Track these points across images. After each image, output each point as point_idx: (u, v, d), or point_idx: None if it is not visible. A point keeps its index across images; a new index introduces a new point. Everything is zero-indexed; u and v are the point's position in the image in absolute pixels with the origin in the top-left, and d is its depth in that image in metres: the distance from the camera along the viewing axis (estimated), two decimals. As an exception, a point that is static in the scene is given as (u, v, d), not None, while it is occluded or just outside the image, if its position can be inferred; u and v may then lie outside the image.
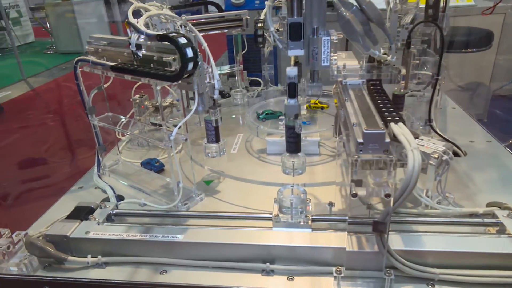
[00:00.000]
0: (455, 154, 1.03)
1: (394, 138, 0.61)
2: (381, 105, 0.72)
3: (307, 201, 0.73)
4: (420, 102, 1.16)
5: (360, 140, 0.53)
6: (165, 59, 0.76)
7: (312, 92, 0.73)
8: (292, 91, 0.69)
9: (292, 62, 0.75)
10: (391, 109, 0.70)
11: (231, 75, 1.55)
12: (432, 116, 1.05)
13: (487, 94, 2.99)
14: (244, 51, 1.41)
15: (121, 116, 1.03)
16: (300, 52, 0.70)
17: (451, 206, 0.78)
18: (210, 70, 0.78)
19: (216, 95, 0.81)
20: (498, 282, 0.60)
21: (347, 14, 0.69)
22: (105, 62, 0.86)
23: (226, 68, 1.42)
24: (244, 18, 1.31)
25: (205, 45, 0.81)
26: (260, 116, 1.16)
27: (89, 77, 0.97)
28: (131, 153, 1.15)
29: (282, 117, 0.81)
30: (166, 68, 0.77)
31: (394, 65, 0.81)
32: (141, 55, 0.78)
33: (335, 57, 0.72)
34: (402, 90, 1.03)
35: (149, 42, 0.78)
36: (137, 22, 0.74)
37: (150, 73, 0.75)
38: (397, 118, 0.66)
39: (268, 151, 1.06)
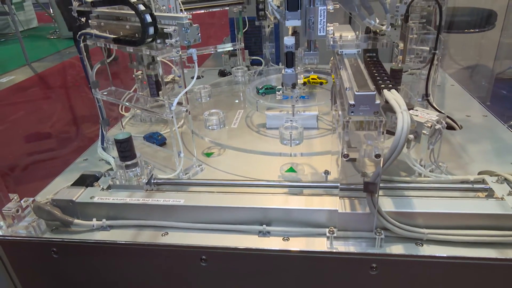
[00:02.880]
0: (452, 128, 1.05)
1: (386, 103, 0.63)
2: (376, 74, 0.74)
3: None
4: (419, 80, 1.18)
5: (352, 102, 0.55)
6: (166, 30, 0.78)
7: (309, 61, 0.74)
8: (289, 60, 0.71)
9: (290, 33, 0.77)
10: (385, 78, 0.72)
11: (232, 54, 1.56)
12: (429, 91, 1.07)
13: (491, 77, 2.98)
14: (245, 29, 1.42)
15: (124, 90, 1.06)
16: (297, 23, 0.72)
17: (443, 174, 0.81)
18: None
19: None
20: (483, 241, 0.63)
21: (343, -17, 0.70)
22: (107, 35, 0.88)
23: (227, 46, 1.43)
24: (245, -5, 1.32)
25: None
26: (260, 91, 1.18)
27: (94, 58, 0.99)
28: (134, 128, 1.18)
29: (280, 87, 0.82)
30: (167, 40, 0.79)
31: (389, 35, 0.83)
32: (84, 20, 0.86)
33: (331, 27, 0.74)
34: (400, 65, 1.05)
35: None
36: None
37: (119, 40, 0.82)
38: (390, 86, 0.68)
39: (267, 125, 1.08)
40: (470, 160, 0.88)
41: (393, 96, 0.61)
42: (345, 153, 0.58)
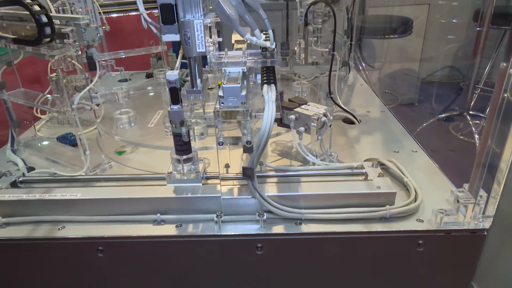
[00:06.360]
0: (351, 122, 1.15)
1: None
2: (264, 75, 0.81)
3: (200, 160, 0.80)
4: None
5: (221, 93, 0.61)
6: (63, 30, 0.80)
7: (194, 99, 0.70)
8: (174, 96, 0.66)
9: (177, 65, 0.70)
10: (271, 77, 0.79)
11: (159, 58, 1.59)
12: (332, 89, 1.16)
13: (417, 80, 3.23)
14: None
15: (36, 92, 1.06)
16: (175, 37, 0.64)
17: (333, 162, 0.89)
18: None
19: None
20: (352, 217, 0.71)
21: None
22: (8, 35, 0.88)
23: (152, 48, 1.46)
24: (164, 0, 1.36)
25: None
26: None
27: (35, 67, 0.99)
28: (50, 130, 1.17)
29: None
30: (65, 40, 0.81)
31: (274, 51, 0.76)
32: None
33: (211, 44, 0.69)
34: (303, 62, 1.15)
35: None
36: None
37: (19, 40, 0.82)
38: (271, 82, 0.75)
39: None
40: (361, 150, 0.97)
41: (267, 89, 0.68)
42: (220, 141, 0.63)
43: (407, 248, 0.70)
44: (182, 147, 0.75)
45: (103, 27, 1.29)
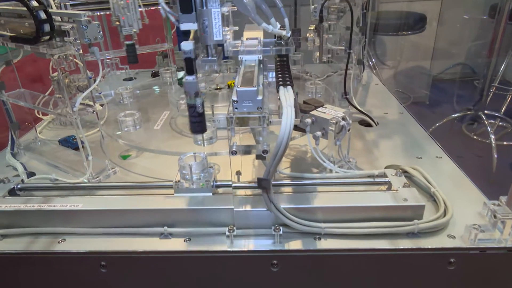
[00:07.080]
0: (368, 125, 1.09)
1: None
2: (280, 75, 0.75)
3: (209, 167, 0.74)
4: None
5: (235, 98, 0.55)
6: (63, 28, 0.75)
7: (209, 68, 0.70)
8: (189, 66, 0.63)
9: (192, 36, 0.73)
10: (287, 78, 0.73)
11: (166, 56, 1.54)
12: (348, 89, 1.10)
13: (428, 78, 3.14)
14: (173, 30, 1.40)
15: (37, 92, 1.01)
16: (193, 26, 0.63)
17: (352, 169, 0.83)
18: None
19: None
20: (376, 232, 0.65)
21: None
22: (6, 33, 0.83)
23: (157, 46, 1.41)
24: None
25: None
26: (178, 82, 1.17)
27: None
28: (52, 132, 1.13)
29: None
30: (65, 38, 0.76)
31: (289, 39, 0.75)
32: None
33: (229, 33, 0.69)
34: (317, 61, 1.08)
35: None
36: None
37: (13, 37, 0.78)
38: (288, 83, 0.69)
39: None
40: (380, 155, 0.91)
41: (284, 92, 0.62)
42: (233, 150, 0.57)
43: (437, 266, 0.64)
44: (197, 118, 0.68)
45: (142, 20, 1.24)
